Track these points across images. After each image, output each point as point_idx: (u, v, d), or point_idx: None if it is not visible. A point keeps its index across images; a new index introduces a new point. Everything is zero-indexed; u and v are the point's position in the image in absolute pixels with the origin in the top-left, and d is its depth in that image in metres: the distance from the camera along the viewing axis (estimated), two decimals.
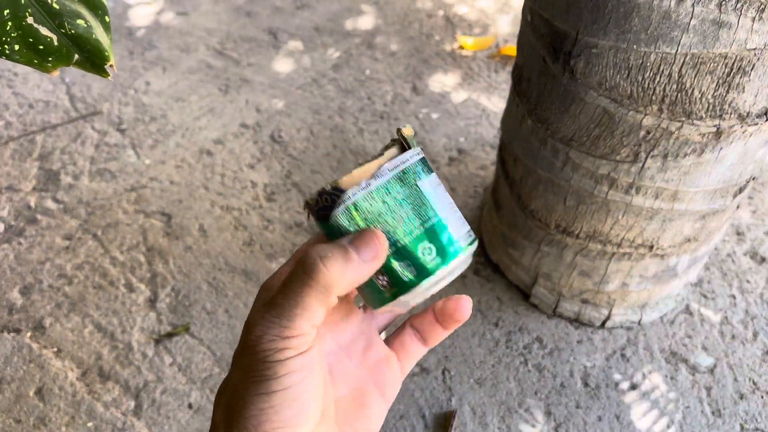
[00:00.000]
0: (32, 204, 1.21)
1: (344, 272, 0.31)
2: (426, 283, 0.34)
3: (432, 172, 0.35)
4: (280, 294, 0.31)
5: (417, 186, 0.34)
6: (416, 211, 0.34)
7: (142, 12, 1.73)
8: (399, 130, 0.35)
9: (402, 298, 0.34)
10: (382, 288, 0.34)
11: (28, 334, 1.01)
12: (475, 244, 0.36)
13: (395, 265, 0.34)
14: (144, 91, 1.48)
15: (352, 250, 0.32)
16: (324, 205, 0.33)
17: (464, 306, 0.38)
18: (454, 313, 0.38)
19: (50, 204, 1.21)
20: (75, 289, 1.07)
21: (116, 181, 1.26)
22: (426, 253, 0.34)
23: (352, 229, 0.33)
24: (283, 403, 0.30)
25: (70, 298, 1.06)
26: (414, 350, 0.40)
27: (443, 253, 0.34)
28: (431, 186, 0.34)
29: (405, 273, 0.34)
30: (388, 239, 0.33)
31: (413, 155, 0.34)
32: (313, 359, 0.32)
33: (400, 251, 0.34)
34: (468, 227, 0.36)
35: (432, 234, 0.34)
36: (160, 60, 1.57)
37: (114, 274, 1.09)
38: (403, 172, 0.33)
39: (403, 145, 0.34)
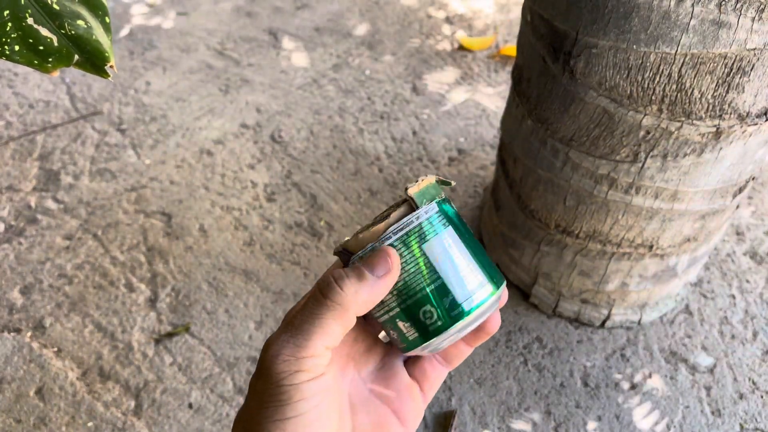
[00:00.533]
0: (32, 204, 1.21)
1: (359, 290, 0.32)
2: (428, 344, 0.35)
3: (447, 226, 0.35)
4: (297, 315, 0.33)
5: (421, 249, 0.34)
6: (418, 275, 0.34)
7: (143, 12, 1.73)
8: (406, 189, 0.35)
9: (409, 354, 0.36)
10: (394, 341, 0.37)
11: (29, 333, 1.01)
12: (501, 287, 0.37)
13: (400, 324, 0.35)
14: (144, 91, 1.48)
15: (366, 269, 0.33)
16: (341, 260, 0.36)
17: (495, 318, 0.38)
18: (486, 325, 0.38)
19: (50, 204, 1.21)
20: (75, 289, 1.07)
21: (116, 181, 1.26)
22: (427, 316, 0.35)
23: None
24: (296, 430, 0.31)
25: (70, 298, 1.06)
26: (436, 376, 0.40)
27: (445, 317, 0.35)
28: (441, 245, 0.35)
29: (409, 333, 0.35)
30: (395, 300, 0.35)
31: (418, 217, 0.34)
32: (327, 385, 0.32)
33: (403, 312, 0.35)
34: (483, 277, 0.36)
35: (433, 298, 0.35)
36: (161, 60, 1.57)
37: (114, 274, 1.10)
38: (407, 234, 0.34)
39: (413, 206, 0.35)
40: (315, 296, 0.33)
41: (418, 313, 0.35)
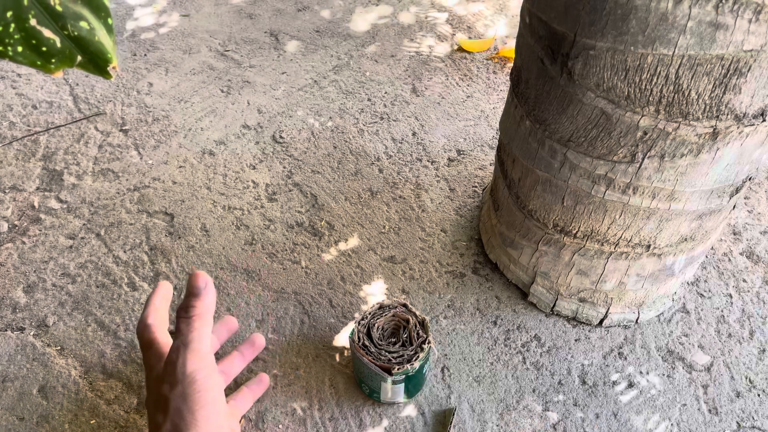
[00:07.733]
0: (36, 204, 1.22)
1: None
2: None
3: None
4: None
5: None
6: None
7: (145, 14, 1.74)
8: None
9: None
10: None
11: (32, 332, 1.02)
12: None
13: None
14: (147, 92, 1.49)
15: None
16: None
17: (259, 337, 0.90)
18: (255, 340, 0.89)
19: (54, 204, 1.22)
20: (78, 288, 1.08)
21: (119, 181, 1.27)
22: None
23: None
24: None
25: (73, 297, 1.07)
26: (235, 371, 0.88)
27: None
28: None
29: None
30: None
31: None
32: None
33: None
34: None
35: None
36: (163, 61, 1.58)
37: (117, 273, 1.10)
38: None
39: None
40: None
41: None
